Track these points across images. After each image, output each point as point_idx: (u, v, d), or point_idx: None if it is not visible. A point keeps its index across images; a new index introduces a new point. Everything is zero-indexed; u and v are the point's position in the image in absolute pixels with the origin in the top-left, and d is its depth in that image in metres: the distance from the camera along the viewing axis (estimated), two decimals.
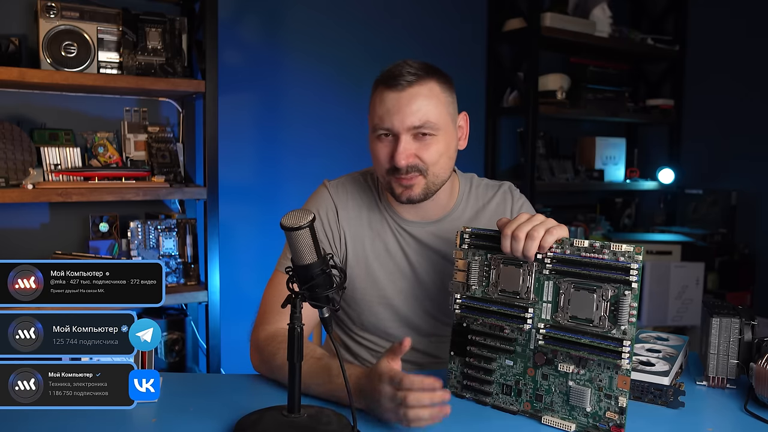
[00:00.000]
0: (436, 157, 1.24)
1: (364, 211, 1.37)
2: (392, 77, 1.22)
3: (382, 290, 1.35)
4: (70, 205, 2.29)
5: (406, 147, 1.22)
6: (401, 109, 1.21)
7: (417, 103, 1.21)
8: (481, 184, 1.43)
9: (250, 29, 2.67)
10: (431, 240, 1.35)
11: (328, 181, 1.41)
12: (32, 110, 2.24)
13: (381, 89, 1.24)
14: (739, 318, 1.19)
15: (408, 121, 1.21)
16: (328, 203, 1.37)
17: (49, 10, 2.07)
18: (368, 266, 1.35)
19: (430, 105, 1.22)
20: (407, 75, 1.21)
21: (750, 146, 3.32)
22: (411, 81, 1.21)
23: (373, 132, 1.27)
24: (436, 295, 1.35)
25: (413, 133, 1.23)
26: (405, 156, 1.22)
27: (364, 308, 1.36)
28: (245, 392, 1.16)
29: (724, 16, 3.46)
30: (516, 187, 1.44)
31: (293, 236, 0.94)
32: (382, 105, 1.23)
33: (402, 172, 1.23)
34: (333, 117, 2.83)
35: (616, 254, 0.98)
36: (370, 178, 1.41)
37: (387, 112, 1.22)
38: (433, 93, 1.23)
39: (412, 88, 1.21)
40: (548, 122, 3.36)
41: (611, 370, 0.98)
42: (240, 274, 2.62)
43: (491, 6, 3.21)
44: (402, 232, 1.36)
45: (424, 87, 1.22)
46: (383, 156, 1.25)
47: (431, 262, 1.35)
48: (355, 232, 1.36)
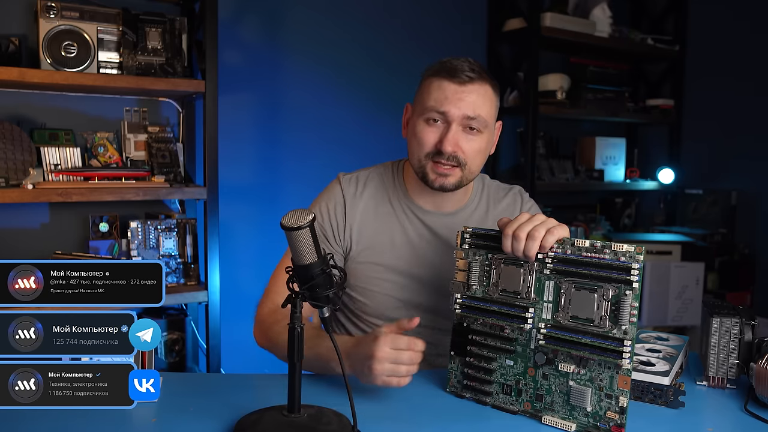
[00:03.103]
0: (475, 154, 1.31)
1: (377, 201, 1.42)
2: (455, 70, 1.29)
3: (389, 275, 1.38)
4: (70, 205, 2.29)
5: (456, 135, 1.28)
6: (461, 99, 1.28)
7: (474, 98, 1.28)
8: (493, 185, 1.50)
9: (250, 29, 2.66)
10: (444, 231, 1.39)
11: (343, 175, 1.46)
12: (32, 110, 2.24)
13: (441, 78, 1.30)
14: (739, 318, 1.19)
15: (464, 109, 1.28)
16: (338, 196, 1.42)
17: (49, 10, 2.07)
18: (376, 252, 1.38)
19: (485, 103, 1.30)
20: (469, 71, 1.29)
21: (750, 146, 3.32)
22: (473, 78, 1.28)
23: (422, 115, 1.31)
24: (441, 283, 1.37)
25: (463, 125, 1.29)
26: (453, 143, 1.28)
27: (369, 293, 1.39)
28: (245, 392, 1.16)
29: (724, 15, 3.46)
30: (526, 191, 1.49)
31: (293, 236, 0.95)
32: (441, 92, 1.29)
33: (444, 158, 1.28)
34: (333, 117, 2.83)
35: (617, 254, 0.98)
36: (385, 170, 1.46)
37: (446, 99, 1.28)
38: (487, 95, 1.31)
39: (472, 84, 1.28)
40: (548, 122, 3.36)
41: (612, 370, 0.98)
42: (240, 274, 2.62)
43: (491, 6, 3.21)
44: (416, 220, 1.40)
45: (482, 86, 1.30)
46: (430, 139, 1.30)
47: (441, 252, 1.38)
48: (363, 221, 1.40)
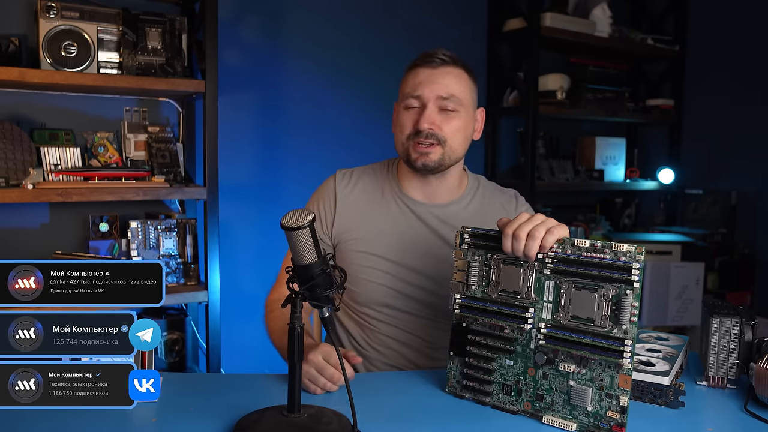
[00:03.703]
0: (454, 131, 1.35)
1: (369, 193, 1.46)
2: (427, 56, 1.36)
3: (380, 263, 1.40)
4: (70, 205, 2.29)
5: (431, 114, 1.34)
6: (434, 81, 1.34)
7: (447, 79, 1.35)
8: (489, 185, 1.52)
9: (250, 29, 2.66)
10: (434, 222, 1.41)
11: (340, 170, 1.50)
12: (32, 110, 2.24)
13: (415, 67, 1.38)
14: (739, 318, 1.19)
15: (437, 90, 1.34)
16: (330, 189, 1.47)
17: (49, 10, 2.07)
18: (365, 242, 1.41)
19: (458, 83, 1.36)
20: (442, 56, 1.36)
21: (750, 146, 3.32)
22: (445, 61, 1.36)
23: (402, 102, 1.38)
24: (429, 274, 1.39)
25: (439, 105, 1.34)
26: (429, 121, 1.33)
27: (360, 281, 1.41)
28: (245, 392, 1.16)
29: (724, 15, 3.45)
30: (521, 195, 1.51)
31: (293, 236, 0.95)
32: (416, 78, 1.36)
33: (422, 136, 1.33)
34: (333, 117, 2.83)
35: (617, 254, 0.98)
36: (381, 166, 1.50)
37: (419, 83, 1.35)
38: (461, 78, 1.37)
39: (444, 67, 1.35)
40: (548, 122, 3.36)
41: (612, 370, 0.98)
42: (240, 274, 2.62)
43: (491, 6, 3.21)
44: (407, 210, 1.42)
45: (455, 69, 1.36)
46: (408, 122, 1.36)
47: (429, 242, 1.40)
48: (353, 212, 1.44)
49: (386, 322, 1.42)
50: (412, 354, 1.41)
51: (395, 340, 1.42)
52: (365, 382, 1.25)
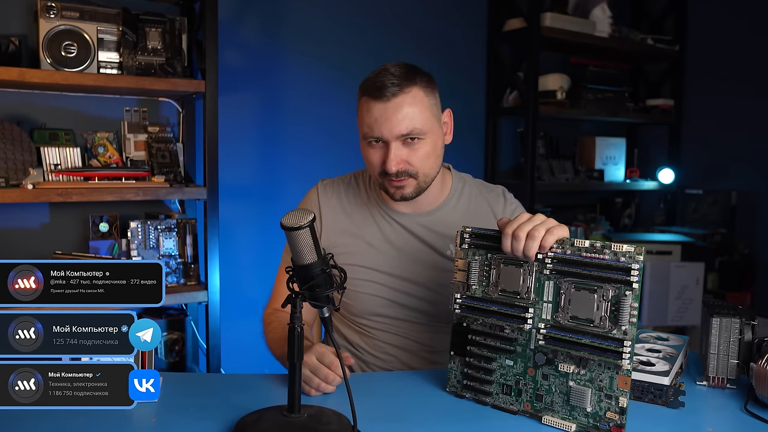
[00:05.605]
0: (423, 159, 1.30)
1: (352, 205, 1.44)
2: (376, 88, 1.26)
3: (372, 275, 1.39)
4: (70, 205, 2.29)
5: (397, 153, 1.28)
6: (389, 119, 1.26)
7: (403, 112, 1.26)
8: (475, 184, 1.49)
9: (250, 29, 2.67)
10: (420, 231, 1.40)
11: (322, 181, 1.49)
12: (32, 110, 2.24)
13: (366, 100, 1.29)
14: (739, 318, 1.19)
15: (396, 130, 1.26)
16: (314, 201, 1.46)
17: (49, 10, 2.07)
18: (354, 255, 1.40)
19: (416, 112, 1.27)
20: (390, 86, 1.25)
21: (750, 146, 3.32)
22: (395, 92, 1.25)
23: (364, 139, 1.32)
24: (421, 281, 1.39)
25: (402, 140, 1.28)
26: (396, 163, 1.28)
27: (352, 294, 1.40)
28: (245, 392, 1.16)
29: (724, 15, 3.45)
30: (509, 191, 1.49)
31: (293, 236, 0.95)
32: (370, 115, 1.28)
33: (393, 176, 1.29)
34: (333, 117, 2.83)
35: (617, 254, 0.98)
36: (362, 177, 1.48)
37: (375, 122, 1.27)
38: (416, 99, 1.27)
39: (396, 98, 1.26)
40: (548, 122, 3.36)
41: (612, 371, 0.98)
42: (240, 274, 2.62)
43: (491, 6, 3.21)
44: (393, 222, 1.41)
45: (408, 95, 1.26)
46: (375, 161, 1.31)
47: (418, 251, 1.40)
48: (339, 226, 1.43)
49: (383, 330, 1.41)
50: (411, 358, 1.41)
51: (393, 346, 1.42)
52: (365, 382, 1.25)
